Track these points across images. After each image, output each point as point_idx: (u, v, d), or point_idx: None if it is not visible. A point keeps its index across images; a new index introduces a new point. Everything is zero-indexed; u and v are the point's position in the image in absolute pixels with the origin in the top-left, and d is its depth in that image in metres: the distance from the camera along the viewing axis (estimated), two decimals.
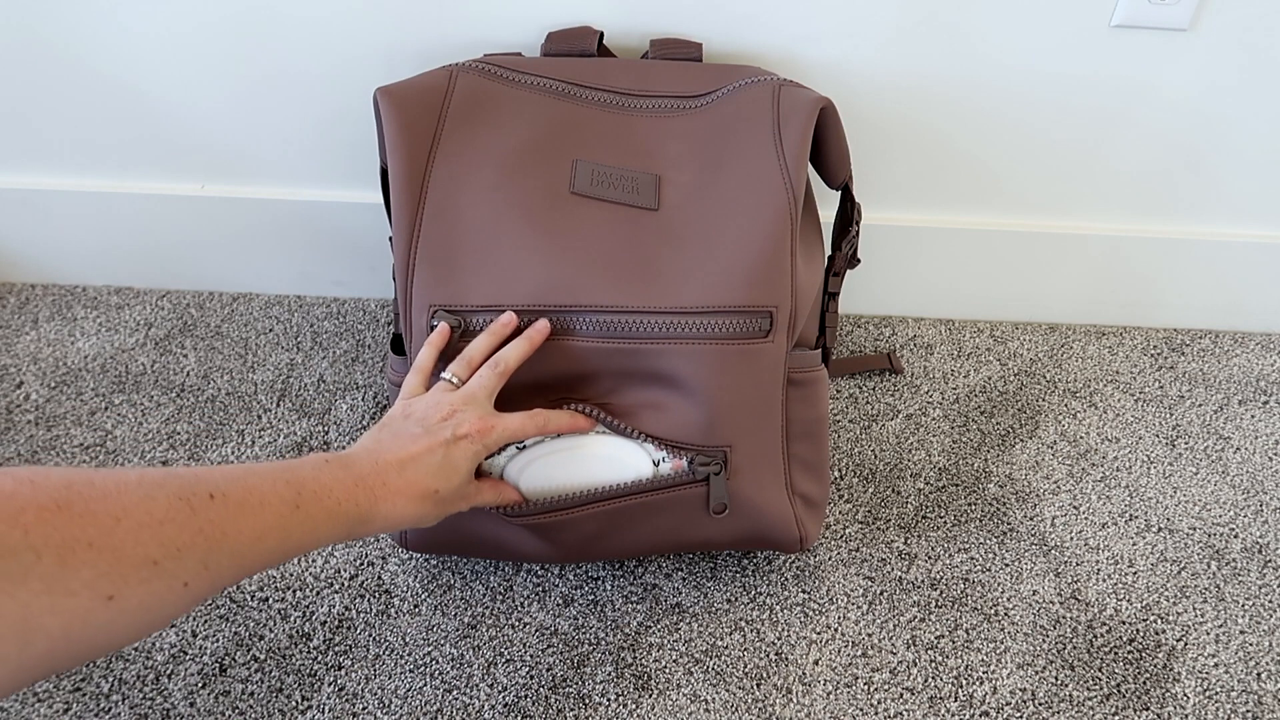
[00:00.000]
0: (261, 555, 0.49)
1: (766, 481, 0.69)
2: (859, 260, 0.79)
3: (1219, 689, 0.74)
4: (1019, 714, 0.72)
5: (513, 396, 0.65)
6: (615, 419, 0.66)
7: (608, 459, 0.67)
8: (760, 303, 0.64)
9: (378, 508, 0.55)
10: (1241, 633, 0.78)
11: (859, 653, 0.75)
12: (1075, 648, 0.76)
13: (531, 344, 0.63)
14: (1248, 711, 0.73)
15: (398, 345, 0.70)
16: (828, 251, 0.78)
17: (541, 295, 0.64)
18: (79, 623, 0.39)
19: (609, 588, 0.78)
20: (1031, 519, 0.85)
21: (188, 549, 0.44)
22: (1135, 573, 0.81)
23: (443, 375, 0.62)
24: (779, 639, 0.76)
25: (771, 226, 0.65)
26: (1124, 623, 0.78)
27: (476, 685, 0.73)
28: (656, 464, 0.67)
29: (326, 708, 0.71)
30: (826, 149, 0.72)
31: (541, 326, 0.63)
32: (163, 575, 0.43)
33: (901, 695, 0.73)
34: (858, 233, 0.76)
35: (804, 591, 0.79)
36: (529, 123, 0.71)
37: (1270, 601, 0.80)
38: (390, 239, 0.76)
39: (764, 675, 0.74)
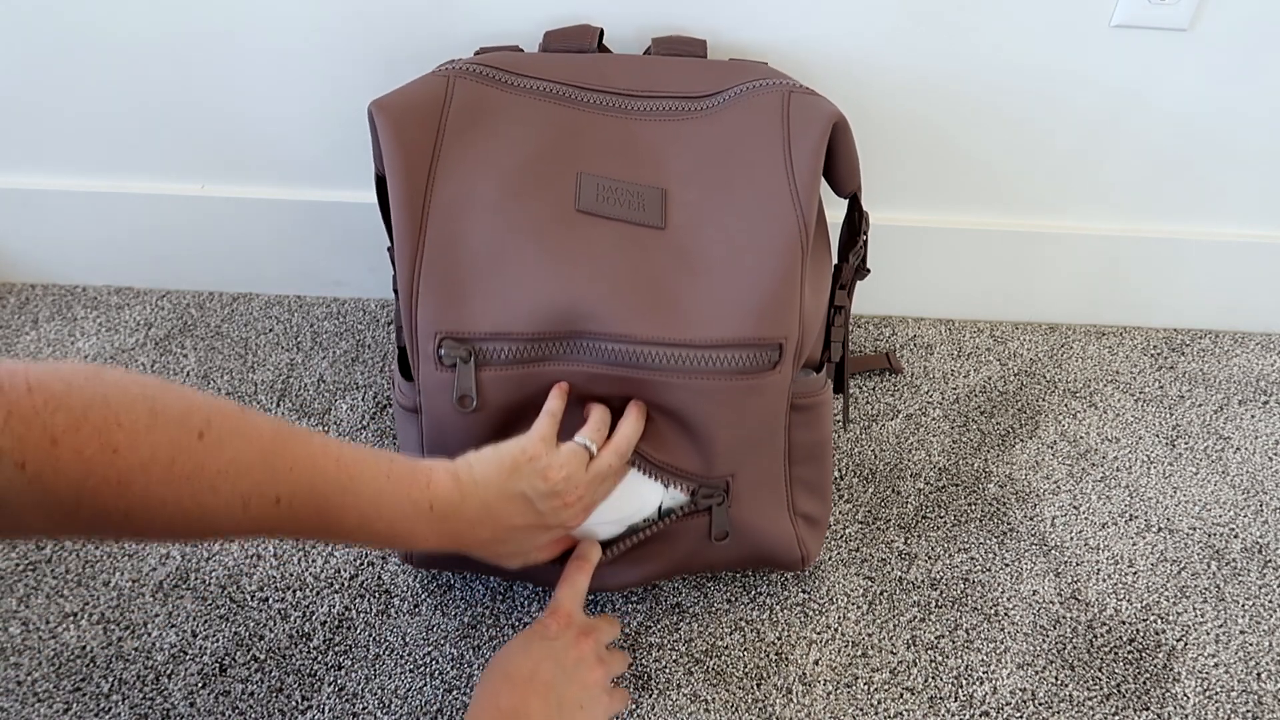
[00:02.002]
0: (283, 538, 0.53)
1: (768, 506, 0.69)
2: (868, 270, 0.76)
3: (1219, 689, 0.74)
4: (1019, 714, 0.72)
5: (526, 418, 0.64)
6: (647, 450, 0.65)
7: (623, 494, 0.66)
8: (770, 336, 0.62)
9: (442, 547, 0.57)
10: (1241, 633, 0.78)
11: (859, 653, 0.75)
12: (1075, 648, 0.76)
13: (642, 420, 0.65)
14: (1248, 711, 0.73)
15: (404, 367, 0.68)
16: (834, 260, 0.76)
17: (550, 324, 0.62)
18: (85, 536, 0.45)
19: None
20: (1031, 519, 0.85)
21: (213, 534, 0.48)
22: (1135, 573, 0.81)
23: (582, 440, 0.62)
24: (779, 639, 0.76)
25: (782, 257, 0.63)
26: (1124, 623, 0.78)
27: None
28: (666, 486, 0.67)
29: (326, 708, 0.71)
30: (836, 161, 0.69)
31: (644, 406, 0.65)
32: (176, 539, 0.48)
33: (901, 695, 0.73)
34: (865, 243, 0.74)
35: (804, 591, 0.79)
36: (529, 133, 0.68)
37: (1270, 601, 0.80)
38: (388, 250, 0.74)
39: (764, 675, 0.74)
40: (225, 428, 0.47)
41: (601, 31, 0.77)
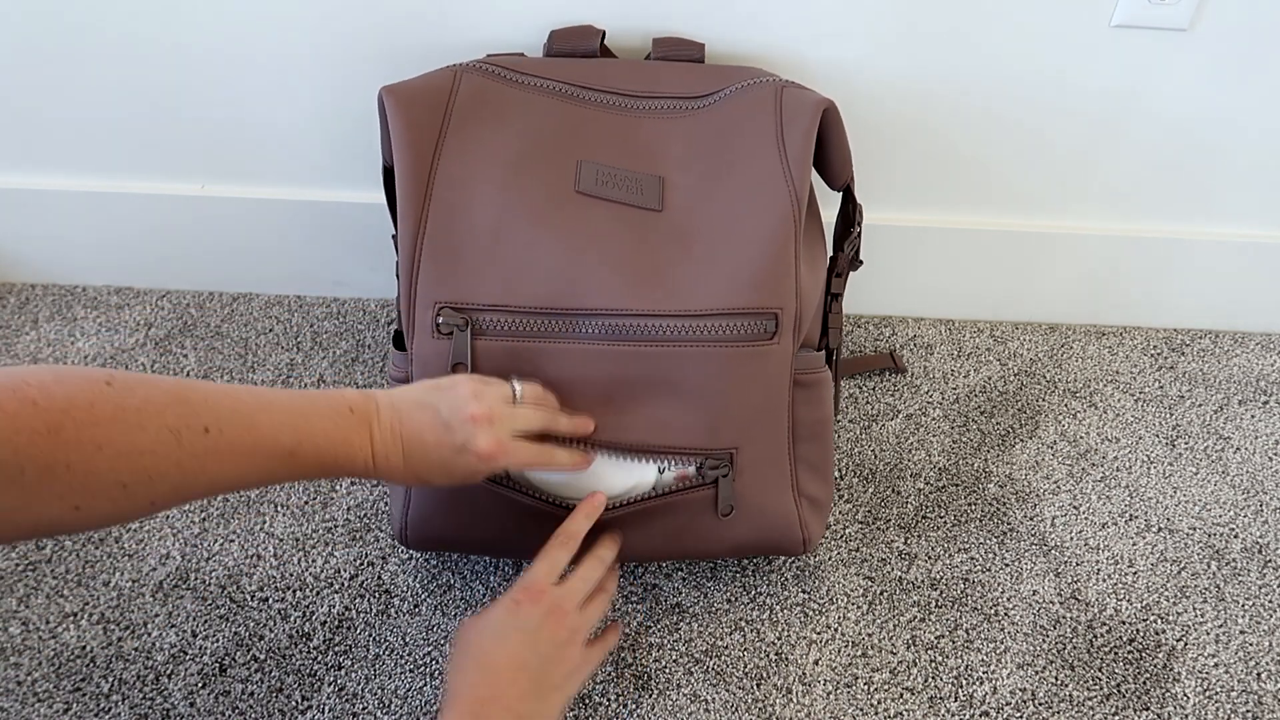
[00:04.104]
0: (240, 486, 0.53)
1: (773, 483, 0.69)
2: (861, 262, 0.79)
3: (1219, 689, 0.74)
4: (1019, 714, 0.72)
5: None
6: (617, 443, 0.66)
7: (615, 463, 0.67)
8: (765, 305, 0.64)
9: (379, 469, 0.58)
10: (1241, 633, 0.78)
11: (859, 653, 0.75)
12: (1075, 648, 0.76)
13: (582, 431, 0.65)
14: (1248, 711, 0.73)
15: (399, 342, 0.70)
16: (829, 253, 0.78)
17: (550, 298, 0.64)
18: (46, 522, 0.46)
19: None
20: (1031, 519, 0.85)
21: (161, 477, 0.48)
22: (1135, 573, 0.81)
23: (514, 381, 0.63)
24: (779, 639, 0.76)
25: (776, 230, 0.65)
26: (1124, 623, 0.78)
27: None
28: (661, 471, 0.67)
29: (326, 708, 0.71)
30: (829, 151, 0.72)
31: (588, 430, 0.65)
32: (130, 496, 0.47)
33: (901, 695, 0.73)
34: (859, 234, 0.76)
35: (804, 591, 0.79)
36: (533, 123, 0.71)
37: (1270, 601, 0.80)
38: (393, 237, 0.76)
39: (764, 675, 0.74)
40: (129, 377, 0.49)
41: (604, 34, 0.78)
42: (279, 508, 0.83)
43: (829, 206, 0.79)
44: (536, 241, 0.65)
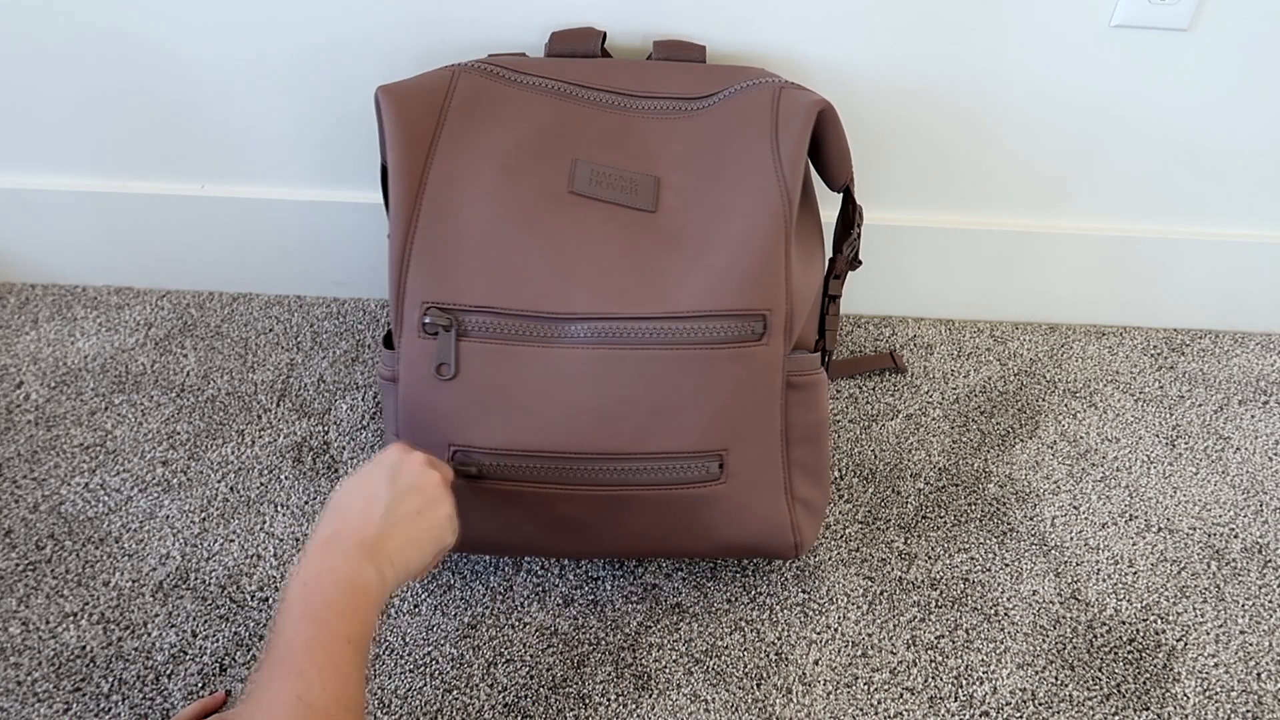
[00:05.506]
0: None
1: (765, 486, 0.69)
2: (860, 262, 0.79)
3: (1219, 689, 0.74)
4: (1019, 714, 0.72)
5: (502, 397, 0.65)
6: (603, 452, 0.65)
7: None
8: (752, 306, 0.64)
9: (397, 571, 0.58)
10: (1241, 633, 0.78)
11: (859, 653, 0.75)
12: (1075, 648, 0.76)
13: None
14: (1248, 711, 0.73)
15: (389, 340, 0.70)
16: (828, 254, 0.78)
17: (537, 301, 0.64)
18: None
19: (609, 588, 0.78)
20: (1031, 519, 0.85)
21: None
22: (1135, 573, 0.81)
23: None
24: (779, 639, 0.76)
25: (765, 230, 0.65)
26: (1124, 623, 0.78)
27: (476, 685, 0.73)
28: None
29: None
30: (827, 151, 0.72)
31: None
32: None
33: (901, 695, 0.73)
34: (859, 235, 0.76)
35: (804, 591, 0.79)
36: (530, 121, 0.71)
37: (1270, 601, 0.80)
38: (390, 236, 0.76)
39: (764, 675, 0.74)
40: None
41: (604, 35, 0.78)
42: (279, 508, 0.83)
43: (829, 207, 0.79)
44: (526, 244, 0.65)
